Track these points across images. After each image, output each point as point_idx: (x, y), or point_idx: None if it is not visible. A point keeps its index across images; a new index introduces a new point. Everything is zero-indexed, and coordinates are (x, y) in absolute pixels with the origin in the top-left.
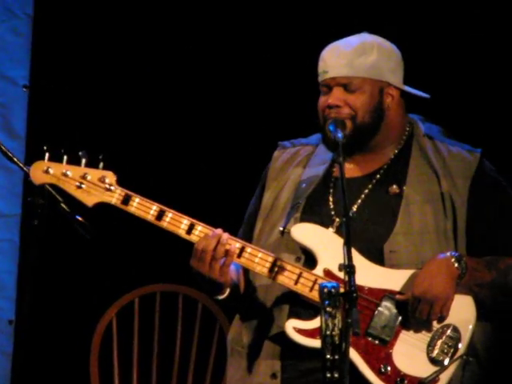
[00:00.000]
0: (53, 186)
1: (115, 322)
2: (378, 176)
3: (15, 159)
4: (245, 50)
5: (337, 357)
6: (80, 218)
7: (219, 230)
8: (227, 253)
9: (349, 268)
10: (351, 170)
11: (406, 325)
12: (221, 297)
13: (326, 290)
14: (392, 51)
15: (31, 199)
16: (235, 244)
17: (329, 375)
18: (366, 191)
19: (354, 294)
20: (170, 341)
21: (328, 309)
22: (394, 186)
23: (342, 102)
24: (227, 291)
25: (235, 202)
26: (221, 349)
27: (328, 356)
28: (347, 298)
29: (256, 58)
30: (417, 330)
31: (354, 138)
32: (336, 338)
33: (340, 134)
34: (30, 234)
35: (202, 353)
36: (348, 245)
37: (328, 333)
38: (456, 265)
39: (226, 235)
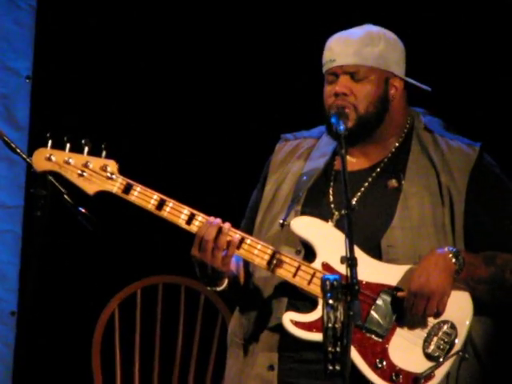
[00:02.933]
0: (56, 177)
1: (117, 313)
2: (378, 170)
3: (18, 150)
4: (250, 42)
5: (338, 349)
6: (83, 210)
7: (219, 220)
8: (229, 243)
9: (351, 260)
10: (352, 162)
11: (403, 320)
12: (219, 288)
13: (328, 282)
14: (397, 42)
15: (34, 190)
16: (236, 235)
17: (330, 368)
18: (366, 184)
19: (356, 287)
20: (172, 332)
21: (330, 301)
22: (393, 181)
23: (349, 90)
24: (225, 282)
25: (237, 194)
26: (223, 341)
27: (330, 348)
28: (349, 291)
29: (260, 50)
30: (413, 326)
31: (358, 128)
32: (338, 331)
33: (342, 127)
34: (32, 226)
35: (204, 344)
36: (350, 237)
37: (330, 325)
38: (453, 260)
39: (227, 225)
